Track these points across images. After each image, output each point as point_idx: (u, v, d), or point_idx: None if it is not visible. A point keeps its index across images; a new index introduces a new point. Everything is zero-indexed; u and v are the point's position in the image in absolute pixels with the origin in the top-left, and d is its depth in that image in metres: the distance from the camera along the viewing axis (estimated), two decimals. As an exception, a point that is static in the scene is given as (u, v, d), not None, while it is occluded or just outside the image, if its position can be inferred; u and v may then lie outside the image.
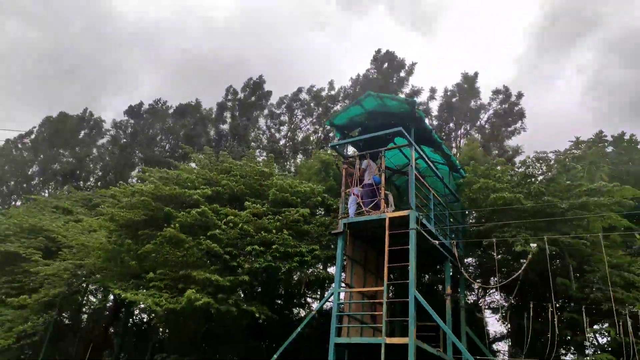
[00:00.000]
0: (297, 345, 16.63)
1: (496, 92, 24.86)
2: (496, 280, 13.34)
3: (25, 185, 37.92)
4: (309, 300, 18.82)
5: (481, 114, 24.98)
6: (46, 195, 34.55)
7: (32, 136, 38.90)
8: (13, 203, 37.30)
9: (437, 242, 12.03)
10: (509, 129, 23.92)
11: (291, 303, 17.70)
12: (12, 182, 38.21)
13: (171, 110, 34.52)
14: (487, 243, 12.92)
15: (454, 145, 24.43)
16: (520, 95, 24.33)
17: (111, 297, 22.37)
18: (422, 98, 26.50)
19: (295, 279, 15.88)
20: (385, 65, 27.93)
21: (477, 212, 14.48)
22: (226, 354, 17.78)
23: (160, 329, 22.09)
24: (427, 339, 11.25)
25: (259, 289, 16.01)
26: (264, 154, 27.36)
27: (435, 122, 25.34)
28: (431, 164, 13.46)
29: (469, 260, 16.41)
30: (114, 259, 15.23)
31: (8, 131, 43.38)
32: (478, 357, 11.06)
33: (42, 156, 37.06)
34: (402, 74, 27.61)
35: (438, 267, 16.30)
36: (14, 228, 20.59)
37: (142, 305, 19.25)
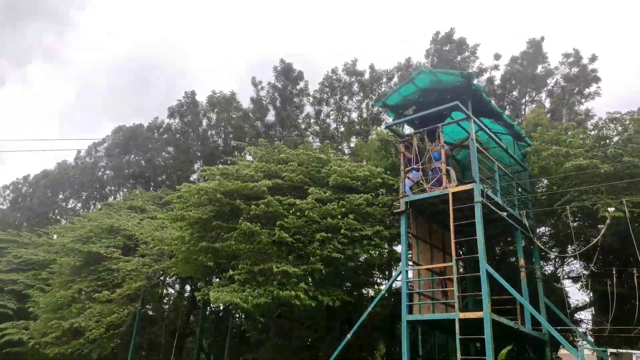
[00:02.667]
0: (370, 324, 16.89)
1: (566, 55, 23.17)
2: (574, 248, 12.78)
3: (102, 190, 40.58)
4: (377, 280, 18.92)
5: (549, 80, 23.50)
6: (120, 198, 36.79)
7: (105, 145, 41.41)
8: (92, 208, 40.10)
9: (504, 213, 11.67)
10: (583, 92, 22.27)
11: (360, 284, 17.86)
12: (90, 188, 41.00)
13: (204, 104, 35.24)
14: (561, 211, 12.32)
15: (519, 113, 23.32)
16: (593, 58, 22.46)
17: (188, 288, 23.61)
18: (486, 74, 25.24)
19: (362, 260, 15.96)
20: (447, 47, 26.72)
21: (547, 179, 13.84)
22: (302, 334, 18.29)
23: (237, 315, 23.07)
24: (503, 312, 11.03)
25: (326, 272, 16.28)
26: (317, 139, 27.46)
27: (499, 92, 24.19)
28: (492, 135, 13.00)
29: (542, 229, 15.76)
30: (189, 257, 15.89)
31: (84, 140, 46.52)
32: (559, 328, 10.68)
33: (114, 163, 39.41)
34: (466, 53, 26.39)
35: (509, 238, 15.82)
36: (95, 229, 22.12)
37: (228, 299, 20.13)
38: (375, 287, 18.27)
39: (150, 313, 23.99)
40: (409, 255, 11.81)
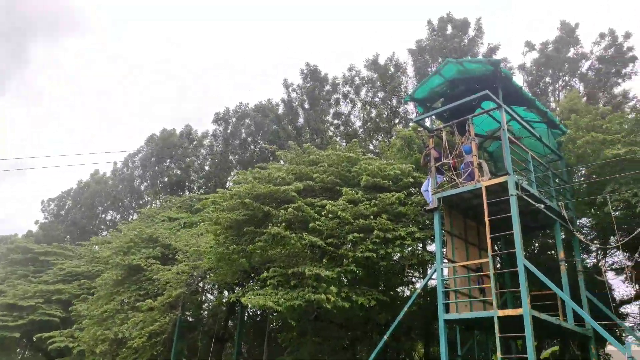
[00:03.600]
0: (407, 324, 16.68)
1: (601, 35, 22.22)
2: (616, 239, 12.21)
3: (139, 200, 41.73)
4: (412, 279, 18.66)
5: (582, 63, 22.59)
6: (156, 205, 37.75)
7: (140, 155, 42.54)
8: (130, 218, 41.24)
9: (542, 205, 11.28)
10: (620, 73, 21.27)
11: (394, 284, 17.66)
12: (127, 199, 42.21)
13: (251, 110, 35.75)
14: (602, 200, 11.79)
15: (552, 100, 22.54)
16: (628, 35, 21.31)
17: (226, 293, 23.93)
18: (501, 54, 24.59)
19: (396, 259, 15.77)
20: (449, 30, 26.32)
21: (585, 168, 13.28)
22: (337, 337, 18.23)
23: (274, 320, 23.21)
24: (544, 308, 10.64)
25: (360, 274, 16.18)
26: (344, 140, 27.33)
27: (529, 79, 23.50)
28: (525, 124, 12.59)
29: (582, 220, 15.16)
30: (223, 259, 16.12)
31: (119, 152, 48.00)
32: (603, 323, 10.22)
33: (150, 172, 40.43)
34: (471, 33, 25.93)
35: (547, 231, 15.30)
36: (135, 239, 22.74)
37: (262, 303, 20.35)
38: (410, 286, 18.03)
39: (190, 319, 24.41)
40: (444, 253, 11.57)
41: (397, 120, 27.57)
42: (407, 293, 17.83)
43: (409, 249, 14.38)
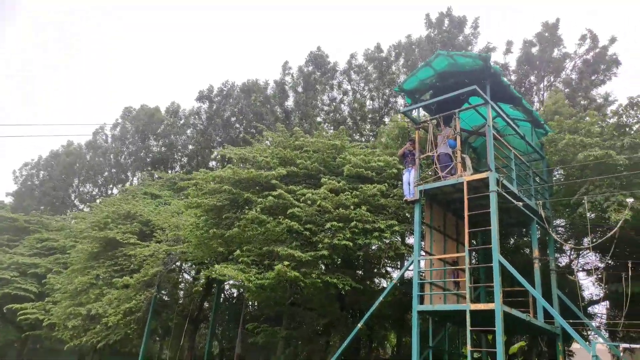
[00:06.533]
0: (381, 314, 16.85)
1: (582, 37, 22.37)
2: (589, 241, 12.46)
3: (120, 174, 41.03)
4: (389, 269, 18.84)
5: (566, 64, 22.74)
6: (135, 182, 37.22)
7: (118, 128, 41.76)
8: (109, 192, 40.62)
9: (520, 203, 11.42)
10: (598, 76, 21.50)
11: (371, 273, 17.81)
12: (106, 173, 41.48)
13: (237, 90, 35.30)
14: (578, 202, 12.00)
15: (536, 100, 22.72)
16: (613, 40, 21.49)
17: (202, 274, 23.88)
18: (497, 55, 24.78)
19: (374, 249, 15.89)
20: (446, 24, 26.30)
21: (564, 169, 13.47)
22: (312, 323, 18.36)
23: (250, 302, 23.24)
24: (516, 304, 10.83)
25: (339, 261, 16.25)
26: (332, 127, 27.26)
27: (513, 77, 23.62)
28: (511, 122, 12.68)
29: (558, 221, 15.43)
30: (202, 243, 16.04)
31: (93, 125, 46.94)
32: (572, 321, 10.46)
33: (132, 147, 39.76)
34: (467, 30, 25.96)
35: (524, 229, 15.55)
36: (112, 215, 22.43)
37: (232, 282, 20.32)
38: (387, 277, 18.19)
39: (166, 299, 24.32)
40: (422, 245, 11.67)
41: (386, 111, 27.56)
42: (384, 284, 17.99)
43: (387, 241, 14.49)
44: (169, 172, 34.93)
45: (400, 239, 15.59)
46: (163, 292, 23.14)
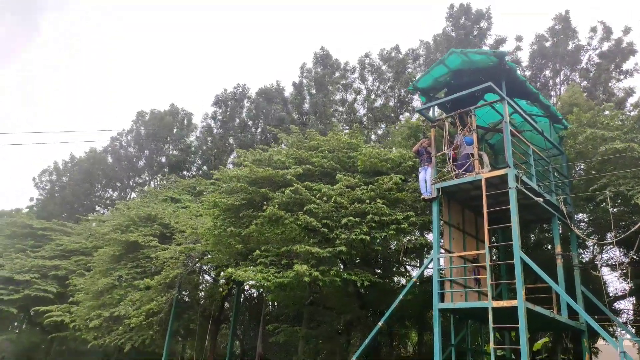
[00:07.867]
0: (401, 312, 16.82)
1: (592, 29, 21.90)
2: (613, 235, 12.28)
3: (137, 178, 41.67)
4: (408, 268, 18.79)
5: (581, 56, 22.32)
6: (152, 185, 37.69)
7: (133, 133, 42.38)
8: (128, 197, 41.23)
9: (541, 199, 11.31)
10: (620, 69, 21.01)
11: (391, 272, 17.78)
12: (125, 178, 42.14)
13: (252, 93, 35.53)
14: (599, 196, 11.83)
15: (553, 94, 22.38)
16: (627, 30, 20.82)
17: (222, 274, 24.10)
18: (508, 46, 24.47)
19: (393, 247, 15.86)
20: (462, 20, 26.09)
21: (585, 164, 13.28)
22: (332, 322, 18.41)
23: (270, 302, 23.39)
24: (539, 300, 10.75)
25: (357, 260, 16.26)
26: (346, 127, 27.28)
27: (527, 73, 23.31)
28: (528, 117, 12.55)
29: (580, 215, 15.21)
30: (220, 242, 16.20)
31: (110, 131, 47.75)
32: (597, 317, 10.32)
33: (148, 152, 40.32)
34: (482, 24, 25.71)
35: (545, 225, 15.37)
36: (134, 218, 22.79)
37: (252, 282, 20.47)
38: (407, 275, 18.15)
39: (187, 299, 24.60)
40: (441, 243, 11.64)
41: (402, 111, 27.52)
42: (403, 282, 17.95)
43: (407, 238, 14.45)
44: (185, 175, 35.34)
45: (418, 233, 15.51)
46: (184, 293, 23.42)
